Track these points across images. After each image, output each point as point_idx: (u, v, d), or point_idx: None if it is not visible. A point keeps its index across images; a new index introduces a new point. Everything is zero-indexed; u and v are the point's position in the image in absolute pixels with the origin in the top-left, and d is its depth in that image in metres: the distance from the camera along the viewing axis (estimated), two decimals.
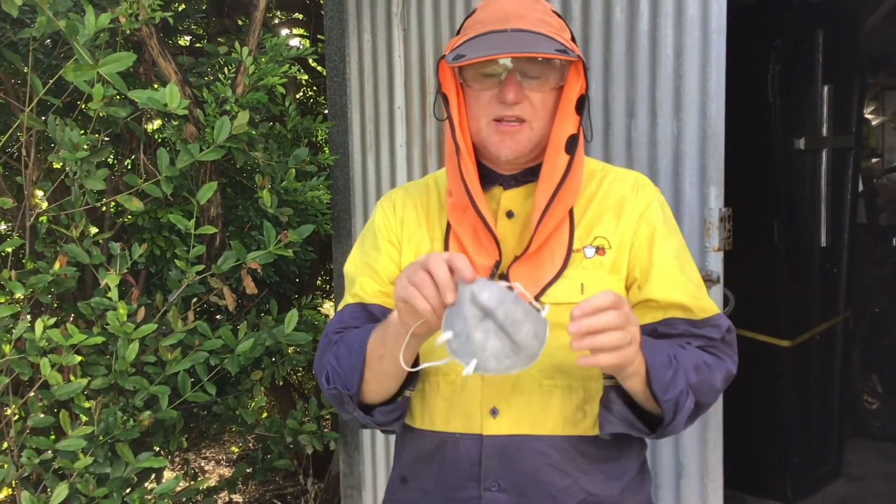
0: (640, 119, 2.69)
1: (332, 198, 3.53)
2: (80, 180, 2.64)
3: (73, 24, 2.42)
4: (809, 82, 3.66)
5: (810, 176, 3.75)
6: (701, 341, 1.40)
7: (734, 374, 1.42)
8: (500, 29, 1.35)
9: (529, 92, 1.37)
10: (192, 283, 2.80)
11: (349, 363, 1.39)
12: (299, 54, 3.11)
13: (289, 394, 4.36)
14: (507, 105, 1.36)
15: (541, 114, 1.39)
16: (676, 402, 1.30)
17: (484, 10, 1.42)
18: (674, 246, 1.45)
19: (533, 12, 1.39)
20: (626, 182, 1.49)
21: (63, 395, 2.50)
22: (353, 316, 1.50)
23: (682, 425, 1.34)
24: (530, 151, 1.42)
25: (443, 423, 1.45)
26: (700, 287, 1.45)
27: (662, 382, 1.28)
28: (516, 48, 1.31)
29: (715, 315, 1.42)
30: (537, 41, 1.33)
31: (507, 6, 1.40)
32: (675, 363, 1.31)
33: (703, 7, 2.52)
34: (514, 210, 1.47)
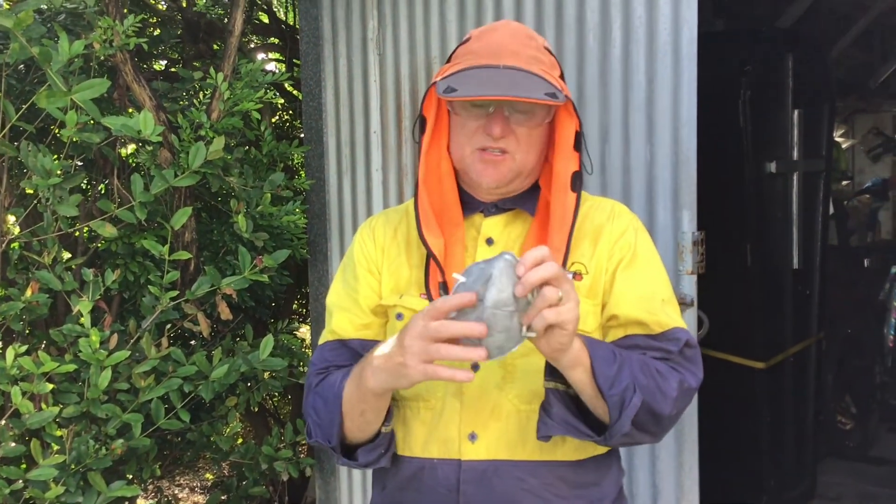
0: (613, 144, 2.71)
1: (308, 222, 3.52)
2: (52, 206, 2.62)
3: (47, 51, 2.41)
4: (780, 107, 3.71)
5: (782, 199, 3.79)
6: (658, 353, 1.40)
7: (694, 388, 1.41)
8: (493, 64, 1.37)
9: (515, 126, 1.39)
10: (165, 309, 2.78)
11: (327, 416, 1.40)
12: (275, 79, 3.11)
13: (264, 419, 4.33)
14: (492, 137, 1.39)
15: (524, 147, 1.41)
16: (622, 397, 1.28)
17: (478, 41, 1.43)
18: (641, 266, 1.46)
19: (526, 48, 1.41)
20: (603, 211, 1.52)
21: (34, 424, 2.47)
22: (334, 353, 1.52)
23: (628, 424, 1.29)
24: (511, 181, 1.44)
25: (421, 448, 1.46)
26: (666, 302, 1.45)
27: (607, 376, 1.27)
28: (507, 89, 1.32)
29: (672, 329, 1.42)
30: (528, 82, 1.34)
31: (502, 40, 1.41)
32: (620, 358, 1.30)
33: (674, 34, 2.56)
34: (493, 237, 1.48)
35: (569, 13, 2.77)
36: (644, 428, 1.33)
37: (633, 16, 2.63)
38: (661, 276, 1.49)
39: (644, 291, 1.44)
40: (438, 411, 1.44)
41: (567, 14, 2.77)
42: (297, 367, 3.36)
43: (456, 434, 1.42)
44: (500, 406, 1.41)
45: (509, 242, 1.48)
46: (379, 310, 1.53)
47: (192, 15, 3.85)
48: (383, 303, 1.52)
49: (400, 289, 1.51)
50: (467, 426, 1.42)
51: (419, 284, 1.48)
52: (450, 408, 1.43)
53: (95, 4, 2.76)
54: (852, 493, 4.31)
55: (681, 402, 1.38)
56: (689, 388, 1.40)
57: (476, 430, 1.41)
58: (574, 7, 2.76)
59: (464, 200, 1.50)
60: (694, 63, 2.54)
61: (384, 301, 1.52)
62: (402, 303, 1.49)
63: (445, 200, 1.49)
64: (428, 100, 1.43)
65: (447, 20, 3.07)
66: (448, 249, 1.46)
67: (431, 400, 1.44)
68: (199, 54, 3.98)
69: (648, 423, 1.33)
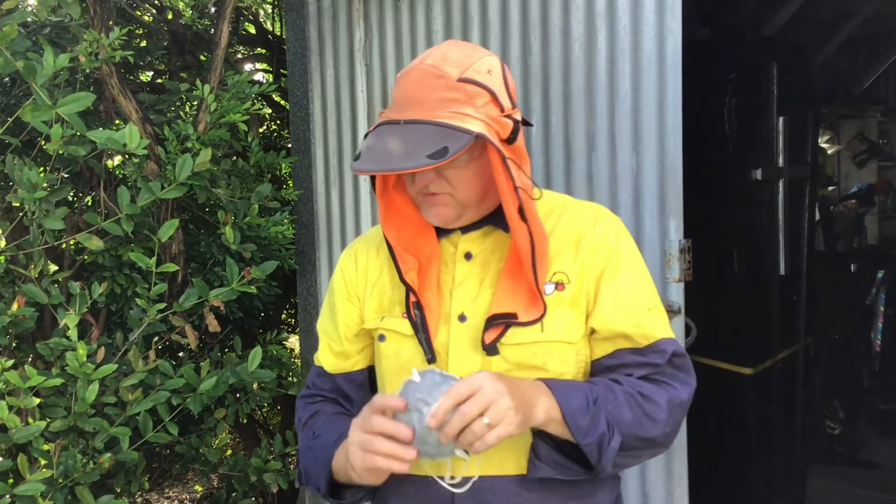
0: (600, 153, 2.72)
1: (297, 232, 3.52)
2: (38, 220, 2.61)
3: (32, 65, 2.41)
4: (765, 114, 3.73)
5: (768, 206, 3.81)
6: (646, 369, 1.41)
7: (686, 400, 1.42)
8: (395, 119, 1.35)
9: (444, 170, 1.39)
10: (153, 321, 2.77)
11: (315, 471, 1.48)
12: (262, 91, 3.11)
13: (254, 431, 4.31)
14: (418, 186, 1.41)
15: (460, 185, 1.41)
16: (599, 444, 1.31)
17: (397, 87, 1.41)
18: (625, 276, 1.45)
19: (433, 92, 1.35)
20: (583, 216, 1.50)
21: (21, 439, 2.45)
22: (321, 380, 1.63)
23: (610, 466, 1.33)
24: (460, 217, 1.45)
25: (415, 467, 1.45)
26: (652, 310, 1.45)
27: (580, 427, 1.30)
28: (391, 160, 1.29)
29: (659, 340, 1.42)
30: (422, 139, 1.30)
31: (410, 87, 1.38)
32: (595, 406, 1.32)
33: (658, 44, 2.58)
34: (472, 251, 1.48)
35: (554, 23, 2.78)
36: (637, 454, 1.38)
37: (618, 25, 2.64)
38: (645, 283, 1.47)
39: (629, 301, 1.43)
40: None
41: (552, 24, 2.78)
42: (286, 379, 3.35)
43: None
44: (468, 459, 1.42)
45: (488, 256, 1.48)
46: (362, 333, 1.57)
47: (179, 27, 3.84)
48: (366, 326, 1.54)
49: (383, 309, 1.52)
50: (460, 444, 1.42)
51: (401, 303, 1.49)
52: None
53: (81, 17, 2.75)
54: (842, 497, 4.33)
55: (672, 419, 1.39)
56: (681, 401, 1.41)
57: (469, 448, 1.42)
58: (559, 17, 2.77)
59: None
60: (679, 72, 2.55)
61: (367, 325, 1.54)
62: (384, 325, 1.50)
63: (413, 227, 1.50)
64: None
65: (433, 30, 3.08)
66: (423, 270, 1.47)
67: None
68: (186, 66, 3.97)
69: (641, 447, 1.37)
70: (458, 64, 1.38)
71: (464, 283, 1.46)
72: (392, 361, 1.48)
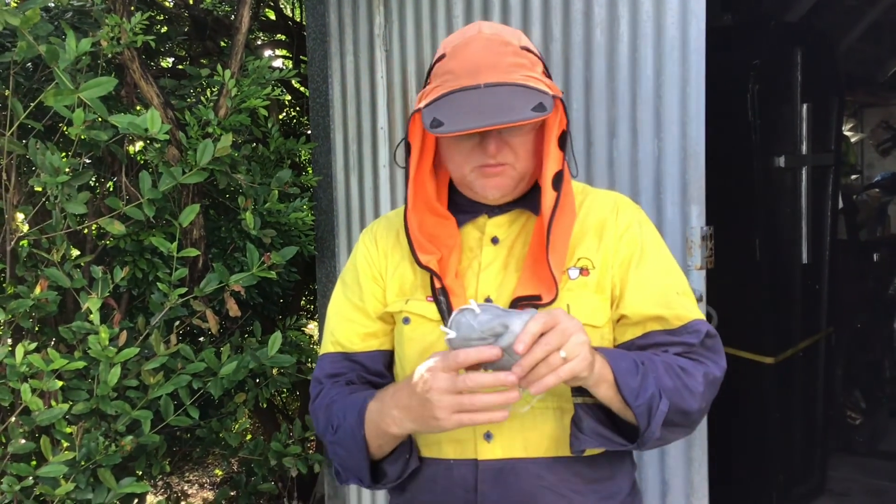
0: (621, 139, 2.70)
1: (316, 218, 3.52)
2: (61, 204, 2.62)
3: (54, 49, 2.42)
4: (788, 101, 3.70)
5: (791, 193, 3.78)
6: (679, 348, 1.40)
7: (719, 377, 1.41)
8: (472, 85, 1.33)
9: (509, 138, 1.38)
10: (174, 305, 2.78)
11: (353, 462, 1.43)
12: (282, 76, 3.11)
13: (273, 416, 4.34)
14: (489, 155, 1.38)
15: (522, 155, 1.40)
16: (649, 406, 1.29)
17: (454, 59, 1.39)
18: (651, 262, 1.45)
19: (503, 57, 1.37)
20: (605, 204, 1.51)
21: (44, 421, 2.48)
22: (336, 366, 1.54)
23: (658, 431, 1.30)
24: (514, 189, 1.44)
25: (436, 450, 1.45)
26: (681, 294, 1.45)
27: (631, 388, 1.28)
28: (492, 115, 1.29)
29: (692, 321, 1.41)
30: (513, 98, 1.31)
31: (476, 55, 1.37)
32: (643, 367, 1.31)
33: (681, 29, 2.55)
34: (498, 236, 1.48)
35: (576, 7, 2.76)
36: (675, 425, 1.35)
37: (641, 10, 2.62)
38: (672, 269, 1.48)
39: (658, 287, 1.43)
40: None
41: (574, 8, 2.76)
42: (305, 364, 3.37)
43: (471, 434, 1.42)
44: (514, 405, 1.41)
45: (514, 240, 1.48)
46: (386, 316, 1.54)
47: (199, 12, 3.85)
48: (389, 309, 1.52)
49: (405, 292, 1.51)
50: (482, 426, 1.41)
51: (425, 287, 1.48)
52: None
53: (102, 2, 2.76)
54: (861, 488, 4.30)
55: (708, 394, 1.38)
56: (715, 378, 1.40)
57: (491, 430, 1.41)
58: (581, 2, 2.75)
59: (463, 204, 1.50)
60: (702, 57, 2.52)
61: (390, 308, 1.52)
62: (409, 308, 1.49)
63: (436, 216, 1.49)
64: (412, 125, 1.41)
65: (454, 15, 3.06)
66: (443, 260, 1.46)
67: None
68: (207, 51, 3.98)
69: (679, 421, 1.35)
70: (512, 34, 1.43)
71: (490, 266, 1.46)
72: (416, 345, 1.47)
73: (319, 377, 1.54)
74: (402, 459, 1.43)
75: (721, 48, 2.90)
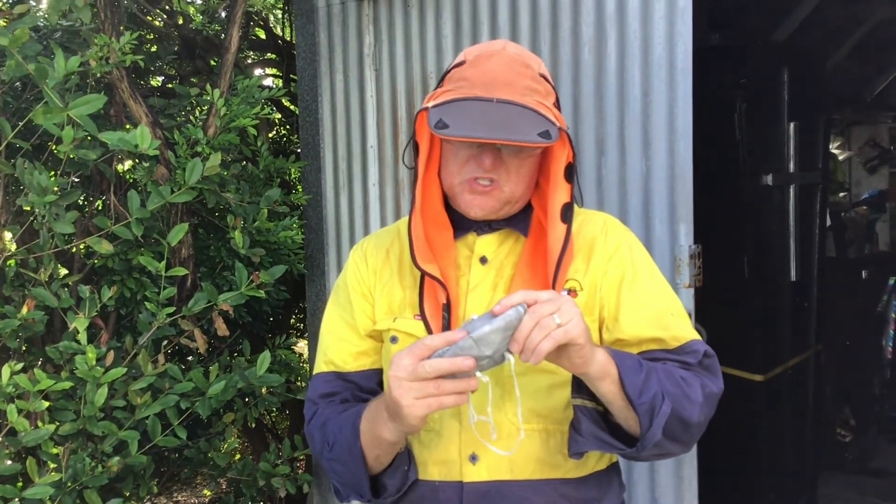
0: (609, 157, 2.72)
1: (306, 236, 3.52)
2: (49, 224, 2.61)
3: (43, 68, 2.42)
4: (775, 119, 3.72)
5: (779, 211, 3.79)
6: (677, 364, 1.39)
7: (716, 394, 1.40)
8: (486, 97, 1.34)
9: (507, 158, 1.38)
10: (162, 325, 2.77)
11: (352, 477, 1.41)
12: (271, 95, 3.12)
13: (262, 435, 4.31)
14: (482, 169, 1.38)
15: (514, 178, 1.40)
16: (652, 404, 1.28)
17: (473, 67, 1.40)
18: (644, 284, 1.45)
19: (521, 78, 1.38)
20: (595, 225, 1.51)
21: (30, 442, 2.46)
22: (329, 385, 1.53)
23: (660, 432, 1.29)
24: (499, 210, 1.44)
25: (423, 471, 1.44)
26: (676, 316, 1.44)
27: (635, 384, 1.27)
28: (499, 130, 1.30)
29: (690, 342, 1.41)
30: (522, 119, 1.32)
31: (497, 69, 1.38)
32: (647, 367, 1.30)
33: (668, 48, 2.57)
34: (487, 256, 1.48)
35: (564, 27, 2.78)
36: (674, 437, 1.33)
37: (629, 30, 2.64)
38: (665, 290, 1.48)
39: (653, 309, 1.43)
40: (437, 432, 1.43)
41: (562, 28, 2.78)
42: (294, 383, 3.35)
43: (457, 455, 1.41)
44: (499, 426, 1.39)
45: (503, 261, 1.47)
46: (374, 334, 1.53)
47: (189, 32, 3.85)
48: (377, 327, 1.51)
49: (393, 311, 1.51)
50: (467, 447, 1.41)
51: (413, 306, 1.48)
52: (448, 429, 1.42)
53: (91, 22, 2.76)
54: None
55: (706, 409, 1.37)
56: (712, 393, 1.38)
57: (476, 451, 1.40)
58: (569, 21, 2.77)
59: (455, 220, 1.49)
60: (689, 77, 2.54)
61: (378, 325, 1.51)
62: (396, 326, 1.48)
63: (437, 224, 1.48)
64: (420, 125, 1.41)
65: (443, 35, 3.08)
66: (442, 273, 1.45)
67: (430, 422, 1.43)
68: (196, 70, 3.98)
69: (678, 431, 1.33)
70: (533, 60, 1.44)
71: (479, 286, 1.45)
72: None
73: (313, 398, 1.53)
74: (401, 471, 1.42)
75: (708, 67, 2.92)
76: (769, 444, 3.75)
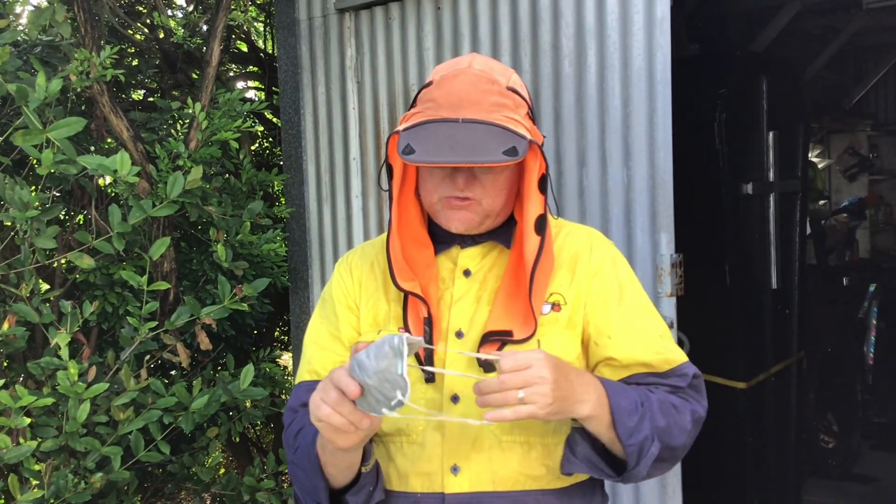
0: (590, 168, 2.73)
1: (289, 249, 3.52)
2: (30, 239, 2.60)
3: (24, 89, 2.41)
4: (755, 129, 3.75)
5: (759, 220, 3.82)
6: (667, 389, 1.42)
7: (702, 416, 1.44)
8: (451, 118, 1.34)
9: (480, 174, 1.39)
10: (144, 339, 2.76)
11: (310, 483, 1.40)
12: (253, 108, 3.12)
13: (247, 449, 4.29)
14: (457, 188, 1.39)
15: (490, 192, 1.41)
16: (641, 447, 1.32)
17: (440, 88, 1.41)
18: (632, 303, 1.46)
19: (487, 95, 1.38)
20: (579, 239, 1.51)
21: (12, 459, 2.44)
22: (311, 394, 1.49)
23: (646, 470, 1.34)
24: (480, 225, 1.45)
25: (404, 482, 1.44)
26: (664, 337, 1.46)
27: (627, 427, 1.31)
28: (463, 153, 1.30)
29: (680, 365, 1.44)
30: (488, 138, 1.32)
31: (462, 88, 1.38)
32: (642, 409, 1.33)
33: (648, 60, 2.59)
34: (471, 269, 1.48)
35: (544, 39, 2.79)
36: (662, 462, 1.38)
37: (608, 42, 2.66)
38: (650, 309, 1.49)
39: (643, 332, 1.44)
40: (420, 444, 1.43)
41: (542, 41, 2.80)
42: (278, 397, 3.34)
43: (438, 467, 1.41)
44: (481, 438, 1.40)
45: (486, 273, 1.48)
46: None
47: (170, 45, 3.85)
48: (362, 339, 1.51)
49: (378, 323, 1.51)
50: (449, 459, 1.41)
51: (398, 318, 1.48)
52: (431, 441, 1.42)
53: (72, 36, 2.76)
54: None
55: (693, 432, 1.42)
56: (700, 417, 1.43)
57: (458, 463, 1.41)
58: (549, 34, 2.78)
59: (439, 233, 1.50)
60: (668, 88, 2.56)
61: (363, 337, 1.51)
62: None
63: (417, 242, 1.49)
64: (392, 147, 1.42)
65: (424, 48, 3.09)
66: (423, 290, 1.45)
67: (412, 434, 1.44)
68: (178, 84, 3.98)
69: (666, 457, 1.38)
70: (502, 73, 1.44)
71: (462, 299, 1.46)
72: None
73: (294, 406, 1.52)
74: (366, 491, 1.41)
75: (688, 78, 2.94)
76: (753, 450, 3.77)
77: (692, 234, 2.94)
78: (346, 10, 3.29)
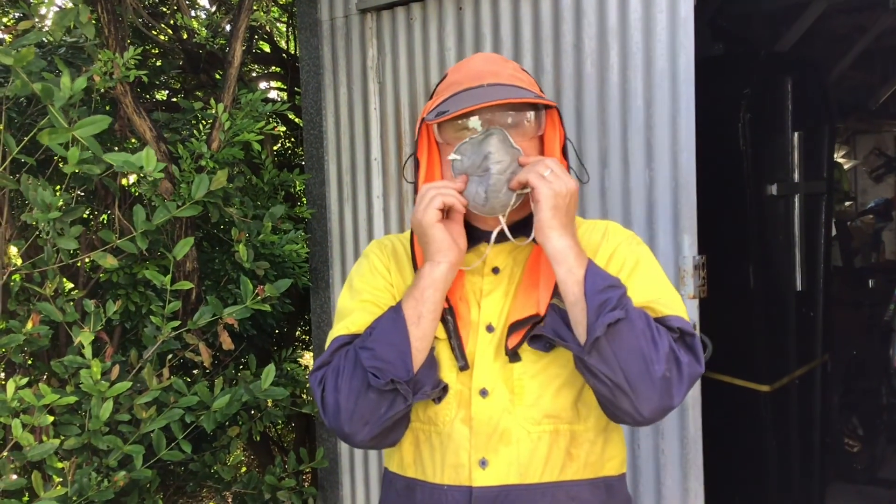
0: (612, 168, 2.71)
1: (310, 249, 3.52)
2: (52, 239, 2.62)
3: (49, 88, 2.42)
4: (780, 129, 3.72)
5: (784, 221, 3.79)
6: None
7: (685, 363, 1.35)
8: (475, 86, 1.41)
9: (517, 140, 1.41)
10: (167, 339, 2.77)
11: (395, 349, 1.37)
12: (275, 109, 3.13)
13: (268, 448, 4.31)
14: None
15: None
16: (604, 304, 1.29)
17: (457, 72, 1.49)
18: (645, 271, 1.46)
19: (504, 69, 1.47)
20: (597, 231, 1.54)
21: (35, 457, 2.45)
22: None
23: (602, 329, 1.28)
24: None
25: (431, 473, 1.45)
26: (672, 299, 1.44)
27: (595, 285, 1.31)
28: (495, 95, 1.37)
29: (678, 316, 1.40)
30: (513, 91, 1.39)
31: (479, 66, 1.47)
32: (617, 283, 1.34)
33: (671, 60, 2.57)
34: (499, 266, 1.50)
35: (566, 40, 2.78)
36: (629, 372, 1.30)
37: (631, 42, 2.64)
38: (663, 279, 1.49)
39: (650, 288, 1.43)
40: (447, 436, 1.44)
41: (565, 41, 2.78)
42: (300, 396, 3.35)
43: (466, 460, 1.42)
44: (509, 431, 1.41)
45: (513, 268, 1.49)
46: None
47: (193, 46, 3.87)
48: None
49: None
50: (477, 452, 1.42)
51: None
52: (458, 433, 1.43)
53: (95, 37, 2.78)
54: None
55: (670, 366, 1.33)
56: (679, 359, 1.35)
57: (486, 456, 1.41)
58: (571, 34, 2.77)
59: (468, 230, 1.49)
60: (692, 88, 2.54)
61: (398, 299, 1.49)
62: None
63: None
64: (421, 140, 1.46)
65: (446, 48, 3.09)
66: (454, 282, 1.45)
67: (440, 424, 1.45)
68: (201, 84, 4.00)
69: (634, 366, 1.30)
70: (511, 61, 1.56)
71: (491, 294, 1.48)
72: None
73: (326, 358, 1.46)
74: (435, 368, 1.42)
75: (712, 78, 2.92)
76: (777, 454, 3.73)
77: (716, 236, 2.92)
78: (368, 10, 3.29)
